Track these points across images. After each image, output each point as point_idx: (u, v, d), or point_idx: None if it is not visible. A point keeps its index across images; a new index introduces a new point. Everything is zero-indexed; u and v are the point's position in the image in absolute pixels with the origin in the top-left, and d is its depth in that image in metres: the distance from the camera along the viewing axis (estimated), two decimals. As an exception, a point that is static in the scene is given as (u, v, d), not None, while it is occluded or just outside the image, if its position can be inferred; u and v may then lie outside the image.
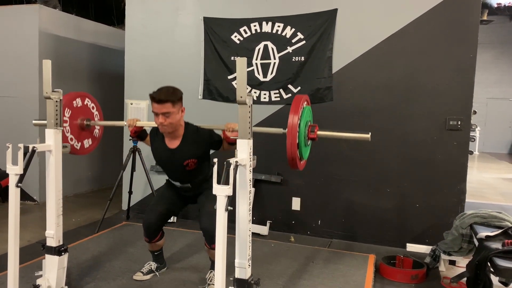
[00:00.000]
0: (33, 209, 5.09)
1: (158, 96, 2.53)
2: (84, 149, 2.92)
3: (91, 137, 2.99)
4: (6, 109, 5.43)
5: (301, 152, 2.24)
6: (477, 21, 3.72)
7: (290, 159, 2.18)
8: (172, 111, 2.55)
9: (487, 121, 14.77)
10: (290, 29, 4.19)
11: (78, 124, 2.84)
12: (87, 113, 2.94)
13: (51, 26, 5.45)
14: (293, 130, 2.12)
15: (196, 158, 2.71)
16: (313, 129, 2.31)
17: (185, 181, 2.84)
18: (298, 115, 2.15)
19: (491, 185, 7.97)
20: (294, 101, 2.19)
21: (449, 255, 3.28)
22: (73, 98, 2.83)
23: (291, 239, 4.13)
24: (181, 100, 2.65)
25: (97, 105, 3.04)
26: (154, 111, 2.57)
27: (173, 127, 2.63)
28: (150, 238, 2.92)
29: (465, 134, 3.76)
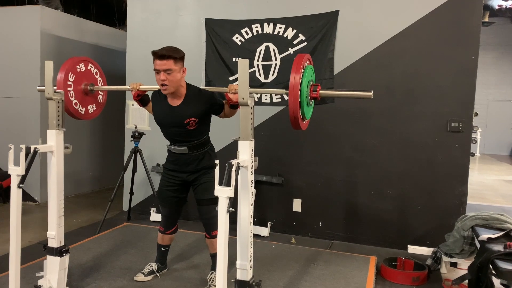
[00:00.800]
0: (35, 210, 5.10)
1: (160, 52, 2.54)
2: (88, 114, 2.90)
3: (95, 103, 2.98)
4: (8, 110, 5.43)
5: (303, 111, 2.19)
6: (478, 23, 3.72)
7: (292, 118, 2.14)
8: (174, 69, 2.56)
9: (488, 122, 14.76)
10: (292, 31, 4.20)
11: (82, 89, 2.82)
12: (90, 78, 2.92)
13: (53, 27, 5.46)
14: (295, 89, 2.08)
15: (197, 117, 2.70)
16: (315, 88, 2.27)
17: (182, 143, 2.79)
18: (300, 74, 2.09)
19: (492, 187, 7.96)
20: (296, 60, 2.13)
21: (451, 257, 3.27)
22: (76, 63, 2.81)
23: (292, 240, 4.13)
24: (183, 60, 2.66)
25: (100, 70, 3.03)
26: (155, 69, 2.57)
27: (175, 87, 2.63)
28: (167, 228, 3.00)
29: (466, 136, 3.76)
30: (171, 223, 3.01)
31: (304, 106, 2.19)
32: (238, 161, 2.00)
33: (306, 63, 2.20)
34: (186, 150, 2.80)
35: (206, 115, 2.77)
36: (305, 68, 2.16)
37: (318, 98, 2.28)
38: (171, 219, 3.01)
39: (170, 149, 2.88)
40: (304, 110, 2.20)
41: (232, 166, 1.94)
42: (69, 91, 2.71)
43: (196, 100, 2.71)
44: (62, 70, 2.70)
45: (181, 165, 2.85)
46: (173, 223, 3.03)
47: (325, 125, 4.12)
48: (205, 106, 2.72)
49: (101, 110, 3.08)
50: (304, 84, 2.14)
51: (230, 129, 3.27)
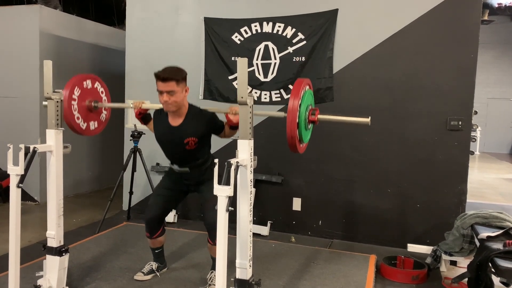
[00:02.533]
0: (34, 210, 5.10)
1: (162, 74, 2.56)
2: (89, 130, 2.92)
3: (97, 120, 3.00)
4: (7, 110, 5.43)
5: (301, 134, 2.21)
6: (478, 21, 3.72)
7: (290, 141, 2.16)
8: (176, 90, 2.59)
9: (488, 121, 14.76)
10: (291, 29, 4.19)
11: (86, 105, 2.85)
12: (96, 95, 2.95)
13: (52, 26, 5.45)
14: (293, 112, 2.10)
15: (197, 137, 2.71)
16: (313, 112, 2.30)
17: (183, 163, 2.82)
18: (299, 98, 2.13)
19: (492, 185, 7.96)
20: (295, 84, 2.17)
21: (450, 255, 3.27)
22: (83, 78, 2.84)
23: (291, 239, 4.13)
24: (185, 80, 2.67)
25: (106, 90, 3.06)
26: (158, 90, 2.60)
27: (177, 106, 2.66)
28: (152, 233, 2.94)
29: (466, 134, 3.76)
30: (155, 227, 2.93)
31: (302, 129, 2.23)
32: (237, 160, 2.00)
33: (305, 88, 2.23)
34: (188, 171, 2.84)
35: (206, 135, 2.79)
36: (304, 93, 2.19)
37: (316, 122, 2.31)
38: (155, 223, 2.92)
39: (171, 167, 2.91)
40: (302, 133, 2.24)
41: (231, 165, 1.94)
42: (73, 105, 2.73)
43: (197, 120, 2.73)
44: (69, 84, 2.73)
45: (183, 181, 2.91)
46: (157, 227, 2.94)
47: (324, 124, 4.10)
48: (205, 127, 2.74)
49: (103, 128, 3.09)
50: (302, 108, 2.18)
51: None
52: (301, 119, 2.16)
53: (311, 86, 2.42)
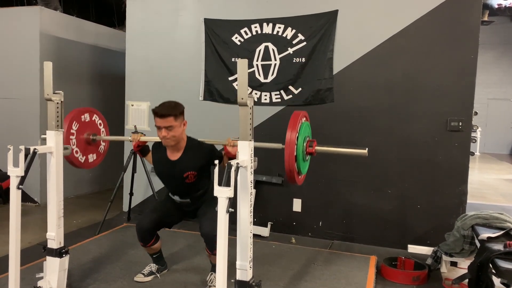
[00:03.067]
0: (34, 211, 5.09)
1: (160, 111, 2.60)
2: (88, 163, 2.99)
3: (96, 152, 3.05)
4: (7, 111, 5.43)
5: (299, 166, 2.27)
6: (478, 22, 3.72)
7: (288, 174, 2.22)
8: (175, 125, 2.63)
9: (488, 122, 14.75)
10: (291, 30, 4.19)
11: (84, 138, 2.90)
12: (94, 128, 3.01)
13: (52, 27, 5.45)
14: (291, 145, 2.15)
15: (196, 170, 2.75)
16: (311, 144, 2.34)
17: (184, 195, 2.87)
18: (296, 131, 2.18)
19: (492, 186, 7.95)
20: (292, 117, 2.23)
21: (451, 256, 3.27)
22: (82, 112, 2.91)
23: (292, 240, 4.13)
24: (183, 114, 2.71)
25: (104, 122, 3.12)
26: (157, 125, 2.64)
27: (176, 140, 2.69)
28: (144, 242, 2.94)
29: (466, 135, 3.76)
30: (145, 237, 2.91)
31: (300, 161, 2.26)
32: (238, 162, 2.00)
33: (302, 120, 2.26)
34: (189, 202, 2.88)
35: (205, 167, 2.81)
36: (301, 125, 2.21)
37: (314, 153, 2.34)
38: (145, 233, 2.89)
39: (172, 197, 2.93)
40: (300, 165, 2.27)
41: (232, 167, 1.94)
42: (71, 139, 2.75)
43: (195, 154, 2.75)
44: (67, 118, 2.76)
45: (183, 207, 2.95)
46: (149, 237, 2.92)
47: (324, 125, 4.12)
48: (204, 160, 2.75)
49: (102, 159, 3.13)
50: (300, 140, 2.22)
51: (230, 130, 3.26)
52: (298, 151, 2.21)
53: (308, 118, 2.45)
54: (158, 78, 4.73)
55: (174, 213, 2.98)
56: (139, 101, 4.83)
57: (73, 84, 5.72)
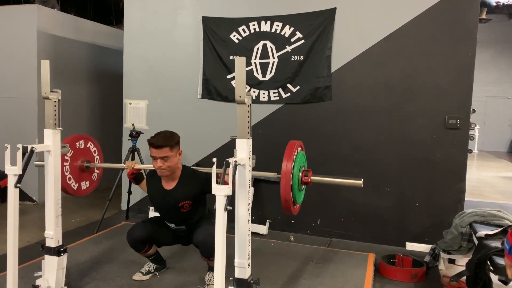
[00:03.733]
0: (32, 210, 5.09)
1: (156, 142, 2.59)
2: (80, 191, 2.99)
3: (89, 180, 3.06)
4: (4, 110, 5.42)
5: (294, 196, 2.28)
6: (476, 20, 3.72)
7: (284, 204, 2.23)
8: (170, 155, 2.62)
9: (486, 119, 14.77)
10: (289, 28, 4.19)
11: (78, 165, 2.90)
12: (88, 155, 3.02)
13: (50, 26, 5.44)
14: (287, 175, 2.16)
15: (191, 200, 2.75)
16: (306, 173, 2.35)
17: (180, 223, 2.88)
18: (292, 161, 2.20)
19: (490, 184, 7.97)
20: (288, 147, 2.25)
21: (449, 253, 3.28)
22: (76, 139, 2.92)
23: (290, 238, 4.13)
24: (179, 144, 2.71)
25: (99, 149, 3.13)
26: (152, 156, 2.63)
27: (171, 171, 2.69)
28: (138, 250, 2.94)
29: (464, 133, 3.76)
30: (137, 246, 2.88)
31: (296, 191, 2.27)
32: (236, 159, 2.00)
33: (298, 150, 2.26)
34: (184, 229, 2.88)
35: (200, 196, 2.80)
36: (297, 155, 2.22)
37: (309, 183, 2.35)
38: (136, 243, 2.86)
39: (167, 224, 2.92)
40: (296, 195, 2.29)
41: (230, 165, 1.93)
42: (65, 166, 2.74)
43: (190, 183, 2.75)
44: None
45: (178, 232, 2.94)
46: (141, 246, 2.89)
47: (323, 123, 4.12)
48: (199, 188, 2.75)
49: (94, 188, 3.12)
50: (295, 170, 2.24)
51: (228, 128, 3.26)
52: (294, 181, 2.23)
53: (303, 148, 2.45)
54: (156, 77, 4.72)
55: (168, 234, 2.94)
56: (137, 99, 4.82)
57: (71, 83, 5.71)
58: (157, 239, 2.94)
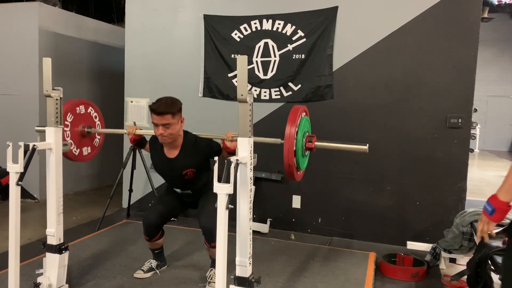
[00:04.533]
0: (34, 207, 5.10)
1: (158, 109, 2.55)
2: (82, 156, 2.95)
3: (90, 146, 3.01)
4: (6, 107, 5.42)
5: (298, 162, 2.25)
6: (478, 19, 3.71)
7: (287, 169, 2.20)
8: (172, 122, 2.58)
9: (488, 118, 14.76)
10: (291, 27, 4.18)
11: (79, 131, 2.86)
12: (89, 121, 2.97)
13: (51, 24, 5.44)
14: (290, 140, 2.13)
15: (194, 167, 2.74)
16: (310, 139, 2.32)
17: (185, 188, 2.88)
18: (296, 126, 2.15)
19: (492, 183, 7.96)
20: (292, 112, 2.21)
21: (450, 253, 3.28)
22: (76, 104, 2.87)
23: (291, 237, 4.13)
24: (181, 111, 2.68)
25: (100, 115, 3.07)
26: (153, 122, 2.60)
27: (173, 138, 2.66)
28: (150, 237, 2.94)
29: (465, 132, 3.76)
30: (152, 232, 2.91)
31: (299, 157, 2.24)
32: (237, 158, 2.00)
33: (302, 115, 2.24)
34: (190, 193, 2.89)
35: (204, 162, 2.80)
36: (300, 120, 2.20)
37: (313, 149, 2.32)
38: (152, 228, 2.89)
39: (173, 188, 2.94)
40: (299, 160, 2.25)
41: (231, 163, 1.93)
42: (66, 131, 2.72)
43: (193, 151, 2.73)
44: None
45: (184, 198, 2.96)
46: (156, 232, 2.92)
47: (324, 121, 4.12)
48: (202, 156, 2.75)
49: (96, 153, 3.10)
50: (299, 135, 2.19)
51: (229, 126, 3.26)
52: (298, 146, 2.19)
53: (308, 113, 2.42)
54: (157, 75, 4.72)
55: (177, 204, 2.99)
56: (139, 98, 4.82)
57: (72, 81, 5.71)
58: (170, 215, 2.97)
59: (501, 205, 1.84)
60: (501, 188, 1.88)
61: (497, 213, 1.88)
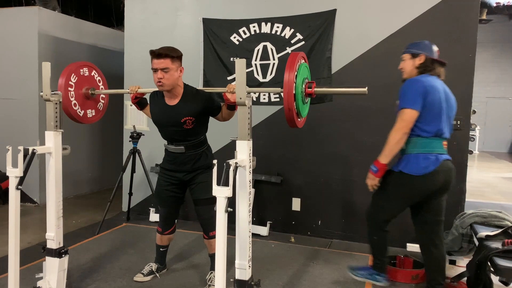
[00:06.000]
0: (34, 211, 5.09)
1: (157, 51, 2.59)
2: (86, 118, 2.91)
3: (94, 108, 3.00)
4: (6, 111, 5.43)
5: (298, 108, 2.19)
6: (476, 20, 3.72)
7: (287, 114, 2.14)
8: (171, 67, 2.60)
9: (487, 120, 14.77)
10: (289, 30, 4.20)
11: (83, 92, 2.85)
12: (93, 84, 2.97)
13: (51, 28, 5.45)
14: (289, 84, 2.08)
15: (193, 116, 2.72)
16: (310, 85, 2.28)
17: (179, 142, 2.81)
18: (294, 71, 2.10)
19: (491, 184, 7.97)
20: (290, 58, 2.14)
21: (450, 254, 3.28)
22: (80, 66, 2.86)
23: (291, 239, 4.13)
24: (181, 60, 2.70)
25: (103, 79, 3.08)
26: (153, 68, 2.62)
27: (171, 85, 2.66)
28: (164, 229, 2.99)
29: (464, 134, 3.76)
30: (168, 223, 3.01)
31: (300, 103, 2.18)
32: (236, 161, 2.00)
33: (300, 61, 2.20)
34: (183, 150, 2.81)
35: (203, 115, 2.79)
36: (299, 66, 2.16)
37: (313, 95, 2.28)
38: (169, 219, 3.01)
39: (167, 148, 2.89)
40: (300, 107, 2.20)
41: (230, 166, 1.94)
42: (70, 91, 2.73)
43: (193, 100, 2.74)
44: (65, 71, 2.73)
45: (178, 164, 2.86)
46: (171, 223, 3.03)
47: (323, 124, 4.13)
48: (202, 106, 2.74)
49: (100, 116, 3.09)
50: (298, 82, 2.14)
51: (228, 129, 3.26)
52: (297, 91, 2.12)
53: (306, 60, 2.38)
54: (156, 78, 4.73)
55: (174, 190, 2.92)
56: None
57: (72, 84, 5.71)
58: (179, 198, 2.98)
59: (382, 166, 2.76)
60: (382, 154, 2.77)
61: (380, 172, 2.76)
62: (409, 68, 2.89)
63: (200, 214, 2.87)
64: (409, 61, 2.89)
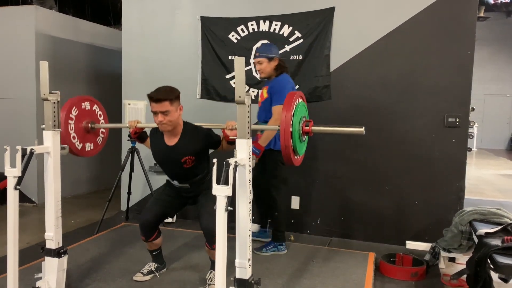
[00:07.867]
0: (32, 211, 5.08)
1: (156, 96, 2.59)
2: (84, 151, 2.93)
3: (93, 142, 3.02)
4: (3, 111, 5.41)
5: (295, 145, 2.22)
6: (474, 18, 3.72)
7: (284, 151, 2.17)
8: (171, 109, 2.62)
9: (485, 117, 14.80)
10: (288, 28, 4.19)
11: (83, 126, 2.87)
12: (93, 117, 2.99)
13: (48, 27, 5.43)
14: (286, 123, 2.11)
15: (193, 155, 2.74)
16: (307, 124, 2.30)
17: (183, 180, 2.86)
18: (291, 111, 2.14)
19: (490, 182, 7.99)
20: (287, 98, 2.20)
21: (449, 252, 3.28)
22: (82, 100, 2.88)
23: (290, 238, 4.13)
24: (179, 99, 2.71)
25: (104, 113, 3.10)
26: (152, 111, 2.64)
27: (172, 125, 2.69)
28: (146, 237, 2.95)
29: (463, 131, 3.77)
30: (148, 231, 2.92)
31: (297, 142, 2.22)
32: (236, 160, 2.00)
33: (298, 100, 2.23)
34: (188, 186, 2.88)
35: (203, 152, 2.81)
36: (297, 105, 2.19)
37: (310, 133, 2.32)
38: (148, 227, 2.91)
39: (171, 183, 2.93)
40: (297, 146, 2.24)
41: (230, 165, 1.93)
42: (70, 124, 2.73)
43: (192, 138, 2.75)
44: (67, 104, 2.74)
45: (182, 193, 2.94)
46: (151, 231, 2.93)
47: (322, 122, 4.10)
48: (201, 144, 2.76)
49: (98, 151, 3.10)
50: (295, 120, 2.18)
51: (227, 128, 3.26)
52: (294, 129, 2.18)
53: (304, 99, 2.42)
54: (155, 77, 4.71)
55: (175, 201, 2.98)
56: (136, 100, 4.81)
57: (70, 84, 5.69)
58: (167, 212, 3.00)
59: (261, 148, 3.34)
60: (261, 138, 3.35)
61: (261, 153, 3.35)
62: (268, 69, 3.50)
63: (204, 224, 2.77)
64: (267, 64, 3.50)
